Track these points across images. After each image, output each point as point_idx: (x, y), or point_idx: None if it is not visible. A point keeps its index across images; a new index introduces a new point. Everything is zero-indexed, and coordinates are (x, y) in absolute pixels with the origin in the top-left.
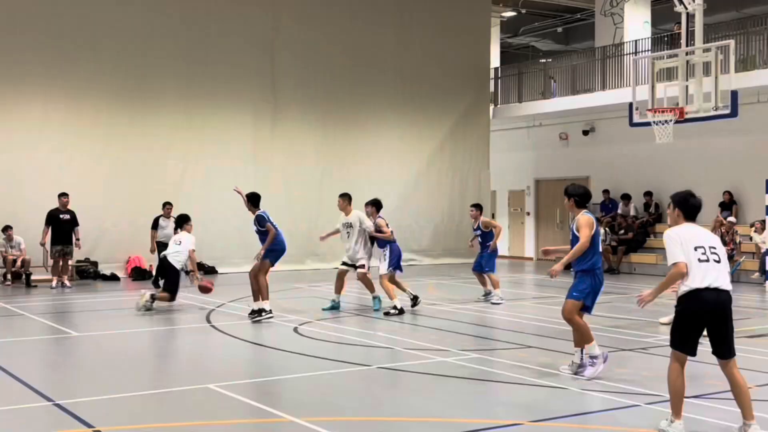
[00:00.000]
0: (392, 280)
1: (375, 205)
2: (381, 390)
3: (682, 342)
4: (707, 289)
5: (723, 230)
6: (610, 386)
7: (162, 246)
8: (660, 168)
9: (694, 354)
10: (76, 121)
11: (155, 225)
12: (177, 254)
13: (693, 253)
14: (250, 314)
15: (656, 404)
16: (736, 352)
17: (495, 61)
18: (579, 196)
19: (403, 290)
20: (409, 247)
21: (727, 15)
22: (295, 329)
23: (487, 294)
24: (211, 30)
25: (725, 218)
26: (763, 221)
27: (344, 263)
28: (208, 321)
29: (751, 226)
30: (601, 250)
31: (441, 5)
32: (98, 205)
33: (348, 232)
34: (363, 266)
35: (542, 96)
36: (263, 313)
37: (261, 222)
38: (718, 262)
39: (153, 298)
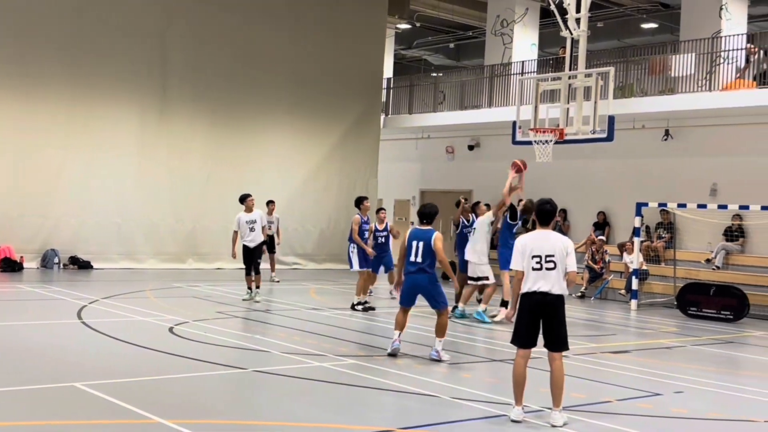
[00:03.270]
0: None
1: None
2: (254, 393)
3: (516, 336)
4: (534, 292)
5: (594, 248)
6: (481, 396)
7: None
8: (540, 186)
9: (523, 346)
10: None
11: None
12: None
13: (529, 261)
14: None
15: (525, 414)
16: (603, 366)
17: (388, 71)
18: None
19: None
20: (294, 251)
21: (609, 43)
22: (171, 329)
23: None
24: (100, 18)
25: (596, 237)
26: (633, 242)
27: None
28: (80, 317)
29: (621, 246)
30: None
31: (337, 12)
32: None
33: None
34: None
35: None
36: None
37: None
38: (552, 269)
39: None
